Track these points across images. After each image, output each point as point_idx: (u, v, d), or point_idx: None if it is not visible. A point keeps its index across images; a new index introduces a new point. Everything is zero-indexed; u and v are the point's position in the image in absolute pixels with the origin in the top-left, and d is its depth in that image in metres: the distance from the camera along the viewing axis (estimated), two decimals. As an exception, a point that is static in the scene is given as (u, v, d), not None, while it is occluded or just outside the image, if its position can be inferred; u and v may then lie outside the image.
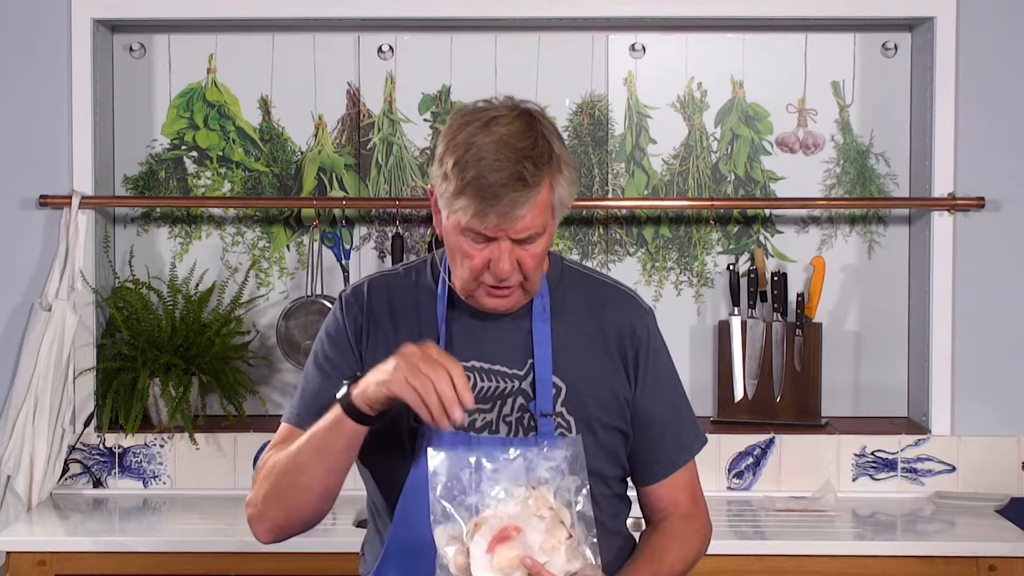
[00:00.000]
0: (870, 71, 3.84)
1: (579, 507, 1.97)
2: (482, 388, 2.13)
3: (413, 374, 1.92)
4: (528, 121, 2.04)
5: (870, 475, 3.66)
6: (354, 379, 2.02)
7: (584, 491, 1.98)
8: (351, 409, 2.00)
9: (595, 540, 1.97)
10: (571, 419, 2.13)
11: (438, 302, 2.16)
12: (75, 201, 3.64)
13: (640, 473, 2.24)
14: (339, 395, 2.02)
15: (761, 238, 3.85)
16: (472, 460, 1.97)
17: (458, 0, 3.68)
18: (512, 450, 1.99)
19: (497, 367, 2.14)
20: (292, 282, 3.86)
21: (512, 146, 2.00)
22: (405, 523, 2.09)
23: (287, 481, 2.08)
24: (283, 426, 2.19)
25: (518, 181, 1.98)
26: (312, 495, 2.09)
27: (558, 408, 2.13)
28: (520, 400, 2.13)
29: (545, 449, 1.99)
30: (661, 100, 3.86)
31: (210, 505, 3.54)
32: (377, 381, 1.96)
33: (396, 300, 2.18)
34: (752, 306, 3.75)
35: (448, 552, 1.93)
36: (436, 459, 1.98)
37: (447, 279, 2.15)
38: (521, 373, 2.14)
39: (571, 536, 1.95)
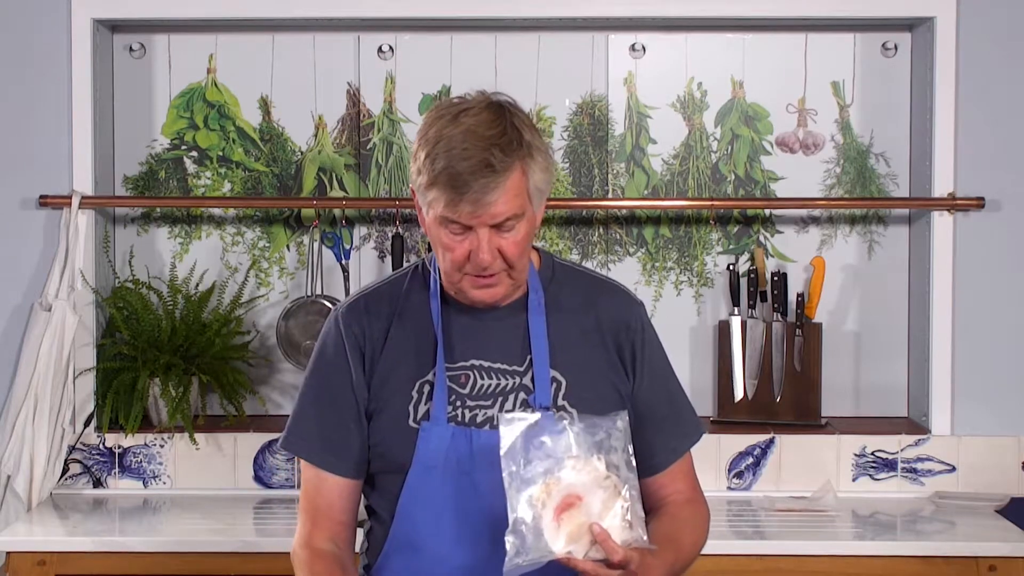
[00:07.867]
0: (870, 71, 3.84)
1: (631, 480, 1.97)
2: (483, 386, 2.14)
3: None
4: (497, 111, 2.07)
5: (870, 475, 3.66)
6: None
7: (633, 464, 1.99)
8: None
9: (644, 514, 1.98)
10: (573, 413, 2.12)
11: (431, 304, 2.16)
12: (75, 201, 3.63)
13: (643, 464, 2.23)
14: None
15: (761, 238, 3.85)
16: (538, 432, 1.96)
17: (458, 0, 3.68)
18: (566, 424, 1.98)
19: (497, 365, 2.14)
20: (292, 282, 3.86)
21: (480, 135, 2.03)
22: (407, 518, 2.10)
23: None
24: (306, 467, 2.18)
25: (486, 168, 2.01)
26: None
27: (560, 402, 2.14)
28: (521, 395, 2.14)
29: (597, 422, 1.99)
30: (661, 100, 3.86)
31: (210, 505, 3.54)
32: None
33: (391, 308, 2.18)
34: (752, 306, 3.75)
35: (526, 516, 1.92)
36: (510, 426, 1.97)
37: (438, 279, 2.16)
38: (521, 369, 2.14)
39: (625, 506, 1.95)
